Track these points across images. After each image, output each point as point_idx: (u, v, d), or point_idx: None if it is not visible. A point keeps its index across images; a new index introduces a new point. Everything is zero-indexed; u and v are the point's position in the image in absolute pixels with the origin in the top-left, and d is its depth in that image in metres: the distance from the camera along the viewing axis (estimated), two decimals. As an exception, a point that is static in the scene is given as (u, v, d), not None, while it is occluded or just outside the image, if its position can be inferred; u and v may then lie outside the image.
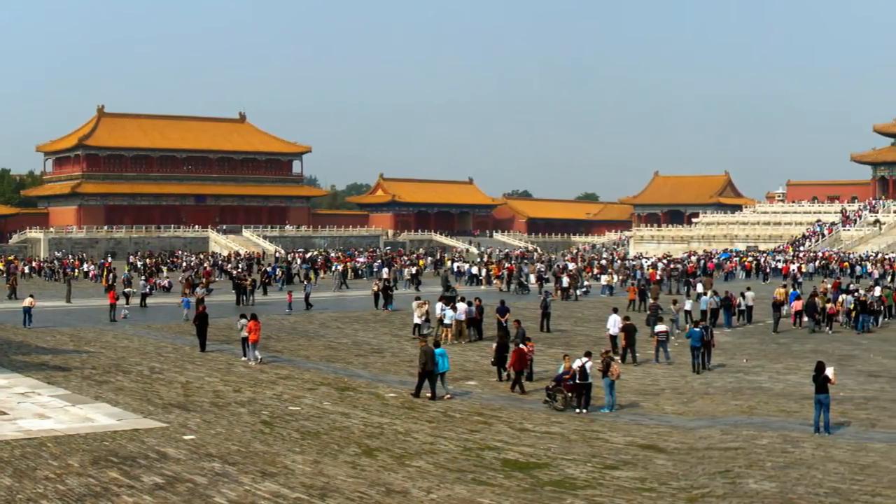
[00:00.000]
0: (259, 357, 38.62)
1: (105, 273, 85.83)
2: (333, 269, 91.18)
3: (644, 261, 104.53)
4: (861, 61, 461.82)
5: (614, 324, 42.30)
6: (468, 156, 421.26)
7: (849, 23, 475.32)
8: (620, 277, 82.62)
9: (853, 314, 52.11)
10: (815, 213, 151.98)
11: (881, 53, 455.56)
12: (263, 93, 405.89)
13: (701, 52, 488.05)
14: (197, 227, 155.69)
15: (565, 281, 70.04)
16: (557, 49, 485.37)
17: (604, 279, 76.89)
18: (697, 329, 39.13)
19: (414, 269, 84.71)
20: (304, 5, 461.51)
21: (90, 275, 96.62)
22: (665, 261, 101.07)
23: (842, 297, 54.52)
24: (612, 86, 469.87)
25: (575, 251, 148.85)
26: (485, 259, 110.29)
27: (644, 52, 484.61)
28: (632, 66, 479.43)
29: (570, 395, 30.59)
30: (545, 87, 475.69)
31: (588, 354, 31.71)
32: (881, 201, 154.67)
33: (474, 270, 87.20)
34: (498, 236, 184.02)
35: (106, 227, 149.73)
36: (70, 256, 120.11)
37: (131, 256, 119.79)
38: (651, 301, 52.98)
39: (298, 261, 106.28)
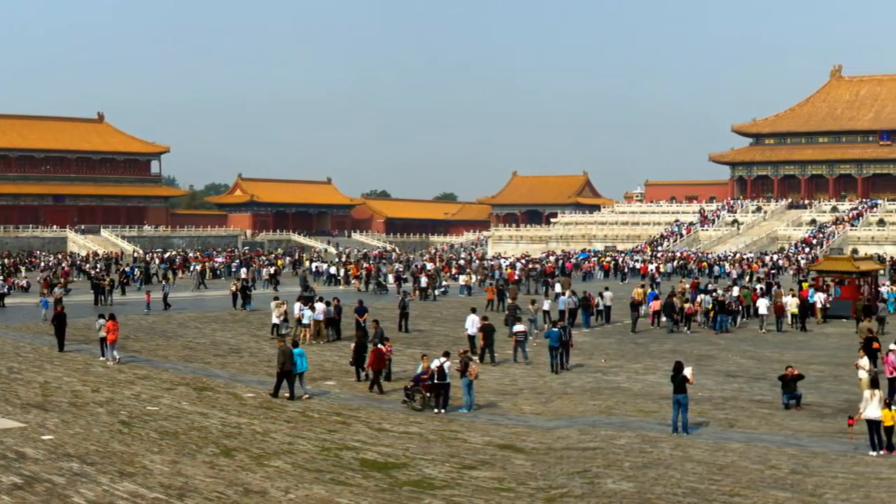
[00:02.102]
0: (117, 357, 38.30)
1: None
2: (192, 269, 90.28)
3: (502, 261, 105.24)
4: (719, 62, 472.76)
5: (472, 324, 42.50)
6: (326, 156, 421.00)
7: (707, 24, 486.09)
8: (479, 277, 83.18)
9: (711, 314, 53.05)
10: (673, 213, 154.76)
11: (740, 55, 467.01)
12: (122, 93, 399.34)
13: (559, 52, 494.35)
14: (55, 227, 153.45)
15: (423, 281, 70.28)
16: (415, 49, 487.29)
17: (462, 279, 77.27)
18: (556, 329, 39.53)
19: (272, 269, 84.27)
20: (162, 4, 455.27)
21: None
22: (523, 261, 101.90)
23: (700, 297, 55.51)
24: (470, 86, 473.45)
25: (433, 251, 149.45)
26: (343, 259, 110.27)
27: (502, 52, 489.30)
28: (490, 66, 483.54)
29: (428, 395, 30.74)
30: (403, 87, 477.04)
31: (446, 354, 31.94)
32: (739, 201, 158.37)
33: (333, 270, 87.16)
34: (356, 236, 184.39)
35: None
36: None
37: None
38: (509, 301, 53.47)
39: (157, 261, 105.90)
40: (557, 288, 64.65)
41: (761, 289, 61.53)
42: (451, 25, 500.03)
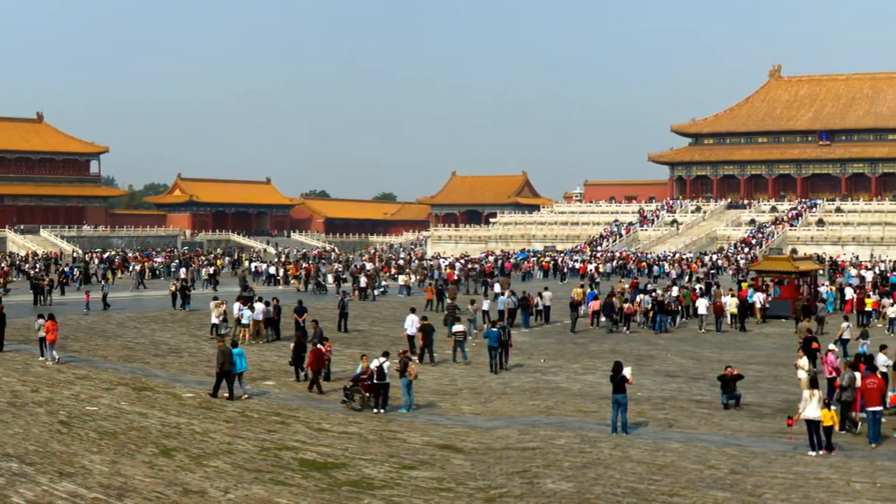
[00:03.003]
0: (57, 357, 37.87)
1: None
2: (131, 269, 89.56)
3: (442, 261, 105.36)
4: (659, 62, 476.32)
5: (412, 324, 42.61)
6: (266, 156, 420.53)
7: (646, 23, 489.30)
8: (418, 277, 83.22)
9: (651, 314, 53.44)
10: (612, 213, 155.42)
11: (679, 54, 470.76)
12: (61, 93, 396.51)
13: (498, 51, 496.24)
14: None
15: (363, 281, 70.18)
16: (355, 49, 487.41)
17: (401, 279, 77.27)
18: (495, 329, 39.70)
19: (212, 269, 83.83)
20: (100, 4, 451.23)
21: None
22: (463, 261, 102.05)
23: (639, 296, 55.86)
24: (410, 86, 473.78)
25: (373, 251, 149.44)
26: (282, 259, 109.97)
27: (442, 53, 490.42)
28: (430, 66, 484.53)
29: (367, 395, 30.82)
30: (343, 87, 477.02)
31: (386, 354, 32.00)
32: (679, 201, 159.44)
33: (272, 270, 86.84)
34: (296, 236, 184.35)
35: None
36: None
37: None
38: (449, 301, 53.57)
39: (96, 261, 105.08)
40: (497, 288, 64.79)
41: (701, 289, 62.05)
42: (391, 26, 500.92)
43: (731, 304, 54.27)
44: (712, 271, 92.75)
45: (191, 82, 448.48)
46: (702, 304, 54.22)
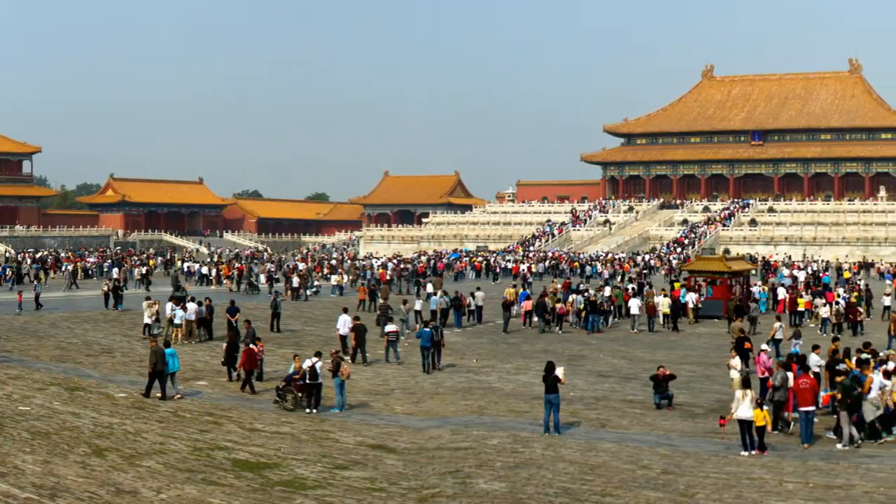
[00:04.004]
0: (-10, 357, 37.55)
1: None
2: (64, 268, 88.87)
3: (374, 261, 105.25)
4: (592, 62, 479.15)
5: (344, 324, 42.67)
6: (198, 156, 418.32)
7: (579, 22, 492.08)
8: (350, 277, 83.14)
9: (583, 314, 53.78)
10: (545, 213, 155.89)
11: (612, 54, 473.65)
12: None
13: (430, 51, 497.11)
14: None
15: (295, 281, 70.03)
16: (288, 49, 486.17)
17: (334, 279, 77.13)
18: (427, 329, 39.85)
19: (144, 269, 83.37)
20: (31, 3, 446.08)
21: None
22: (395, 261, 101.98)
23: (572, 296, 56.23)
24: (342, 86, 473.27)
25: (305, 251, 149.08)
26: (215, 259, 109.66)
27: (374, 52, 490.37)
28: (362, 65, 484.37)
29: (300, 395, 30.94)
30: (275, 87, 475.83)
31: (318, 354, 32.16)
32: (611, 201, 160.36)
33: (204, 270, 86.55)
34: (228, 236, 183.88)
35: None
36: None
37: None
38: (381, 301, 53.61)
39: (28, 261, 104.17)
40: (429, 288, 64.95)
41: (633, 289, 62.44)
42: (323, 26, 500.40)
43: (663, 304, 54.74)
44: (645, 271, 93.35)
45: (124, 82, 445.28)
46: (634, 305, 54.61)
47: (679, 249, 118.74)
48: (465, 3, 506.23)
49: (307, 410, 30.52)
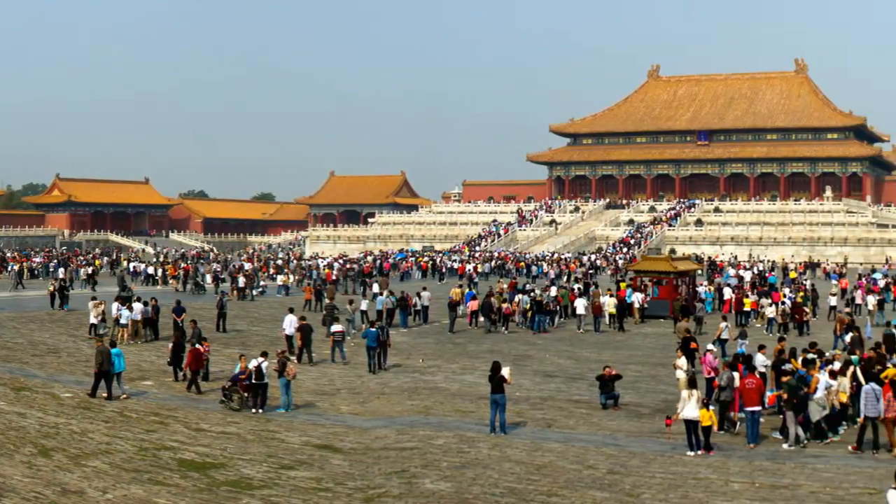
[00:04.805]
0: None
1: None
2: (9, 269, 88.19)
3: (320, 261, 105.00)
4: (538, 61, 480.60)
5: (290, 324, 42.69)
6: (144, 156, 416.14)
7: (525, 22, 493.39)
8: (296, 277, 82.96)
9: (529, 314, 53.96)
10: (491, 213, 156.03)
11: (559, 54, 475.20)
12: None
13: (376, 51, 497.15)
14: None
15: (241, 281, 69.84)
16: (233, 49, 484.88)
17: (280, 279, 77.02)
18: (373, 329, 39.87)
19: (90, 269, 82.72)
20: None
21: None
22: (341, 261, 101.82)
23: (518, 297, 56.39)
24: (288, 85, 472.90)
25: (251, 251, 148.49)
26: (161, 259, 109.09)
27: (319, 53, 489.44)
28: (308, 65, 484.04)
29: (246, 395, 30.98)
30: (221, 87, 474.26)
31: (264, 354, 32.22)
32: (557, 201, 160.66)
33: (150, 270, 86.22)
34: (174, 236, 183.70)
35: None
36: None
37: None
38: (327, 301, 53.57)
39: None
40: (375, 288, 64.93)
41: (579, 289, 62.70)
42: (269, 26, 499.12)
43: (609, 304, 55.03)
44: (591, 271, 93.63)
45: (70, 82, 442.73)
46: (580, 305, 54.86)
47: (625, 249, 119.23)
48: (410, 4, 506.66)
49: (253, 410, 30.57)
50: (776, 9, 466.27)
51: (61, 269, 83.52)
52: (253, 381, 30.91)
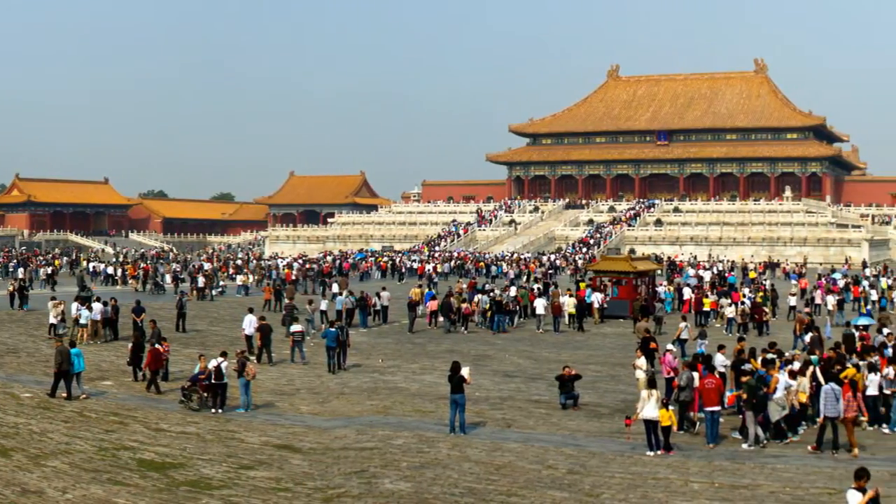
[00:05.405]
0: None
1: None
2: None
3: (280, 261, 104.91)
4: (498, 61, 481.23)
5: (250, 324, 42.73)
6: (104, 156, 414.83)
7: (485, 22, 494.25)
8: (256, 277, 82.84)
9: (489, 314, 54.12)
10: (450, 213, 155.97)
11: (518, 54, 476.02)
12: None
13: (336, 50, 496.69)
14: None
15: (201, 281, 69.62)
16: (193, 49, 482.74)
17: (239, 279, 76.91)
18: (333, 329, 39.96)
19: (50, 269, 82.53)
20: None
21: None
22: (301, 261, 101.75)
23: (477, 297, 56.51)
24: (247, 85, 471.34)
25: (210, 251, 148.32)
26: (120, 259, 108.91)
27: (279, 52, 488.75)
28: (267, 65, 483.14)
29: (205, 395, 31.05)
30: (181, 87, 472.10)
31: (224, 354, 32.24)
32: (517, 201, 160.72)
33: (110, 270, 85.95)
34: (134, 236, 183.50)
35: None
36: None
37: None
38: (286, 301, 53.59)
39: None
40: (335, 288, 64.89)
41: (538, 289, 62.93)
42: (229, 25, 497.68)
43: (568, 304, 55.20)
44: (550, 271, 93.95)
45: (29, 81, 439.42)
46: (540, 305, 55.05)
47: (584, 249, 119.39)
48: (370, 3, 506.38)
49: (213, 410, 30.57)
50: (736, 9, 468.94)
51: (21, 270, 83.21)
52: (212, 381, 30.95)
